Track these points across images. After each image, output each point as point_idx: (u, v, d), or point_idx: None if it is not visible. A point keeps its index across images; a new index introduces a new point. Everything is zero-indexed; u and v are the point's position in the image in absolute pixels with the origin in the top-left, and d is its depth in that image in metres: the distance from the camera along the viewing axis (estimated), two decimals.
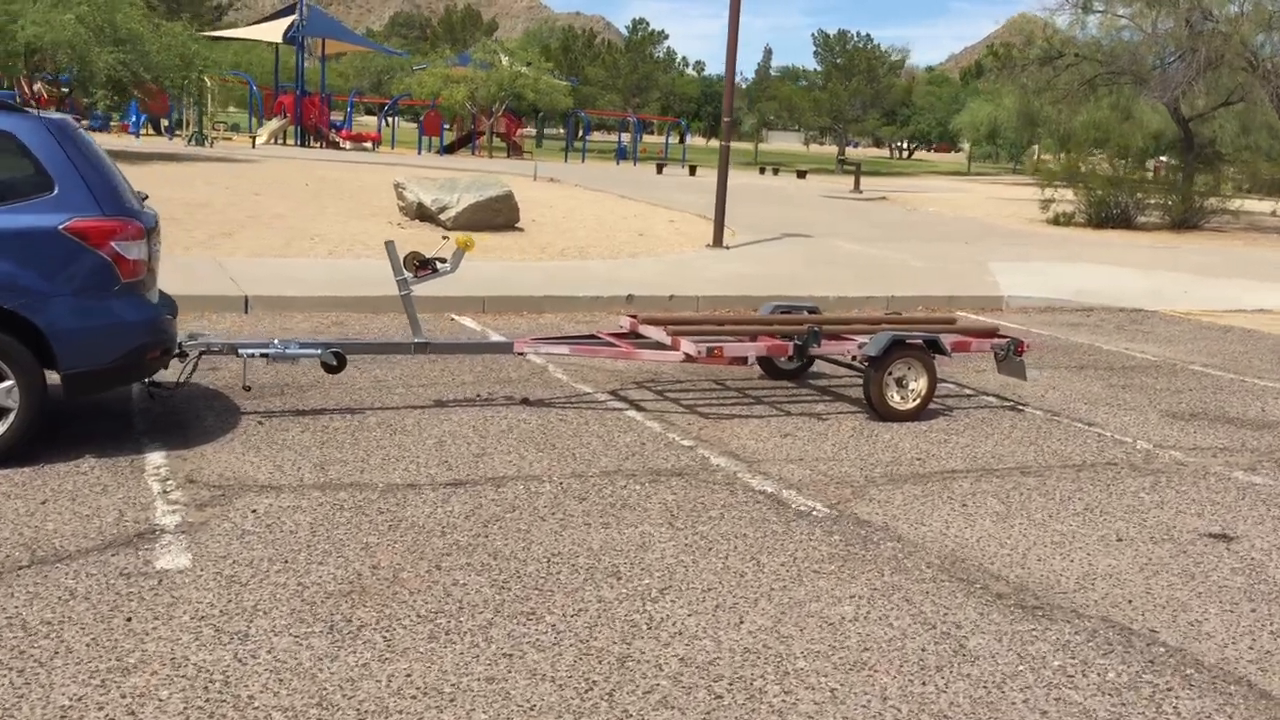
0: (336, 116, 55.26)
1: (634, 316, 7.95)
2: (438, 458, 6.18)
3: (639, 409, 7.54)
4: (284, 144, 42.15)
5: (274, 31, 45.22)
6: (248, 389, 7.10)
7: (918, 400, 7.63)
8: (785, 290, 12.57)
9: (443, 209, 16.03)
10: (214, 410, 6.89)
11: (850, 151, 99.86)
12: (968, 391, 8.70)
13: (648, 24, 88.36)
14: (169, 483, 5.53)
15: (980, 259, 17.10)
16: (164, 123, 38.61)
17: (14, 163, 5.62)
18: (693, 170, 42.48)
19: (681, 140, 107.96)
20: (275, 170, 23.53)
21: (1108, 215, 25.57)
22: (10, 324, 5.51)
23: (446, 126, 53.52)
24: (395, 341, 7.55)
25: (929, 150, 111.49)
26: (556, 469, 6.10)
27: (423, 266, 7.07)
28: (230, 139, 38.10)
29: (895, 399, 7.61)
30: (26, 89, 25.10)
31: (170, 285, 10.71)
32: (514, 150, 52.95)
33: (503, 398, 7.65)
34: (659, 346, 7.55)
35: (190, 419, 6.68)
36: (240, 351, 6.70)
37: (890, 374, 7.59)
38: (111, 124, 41.82)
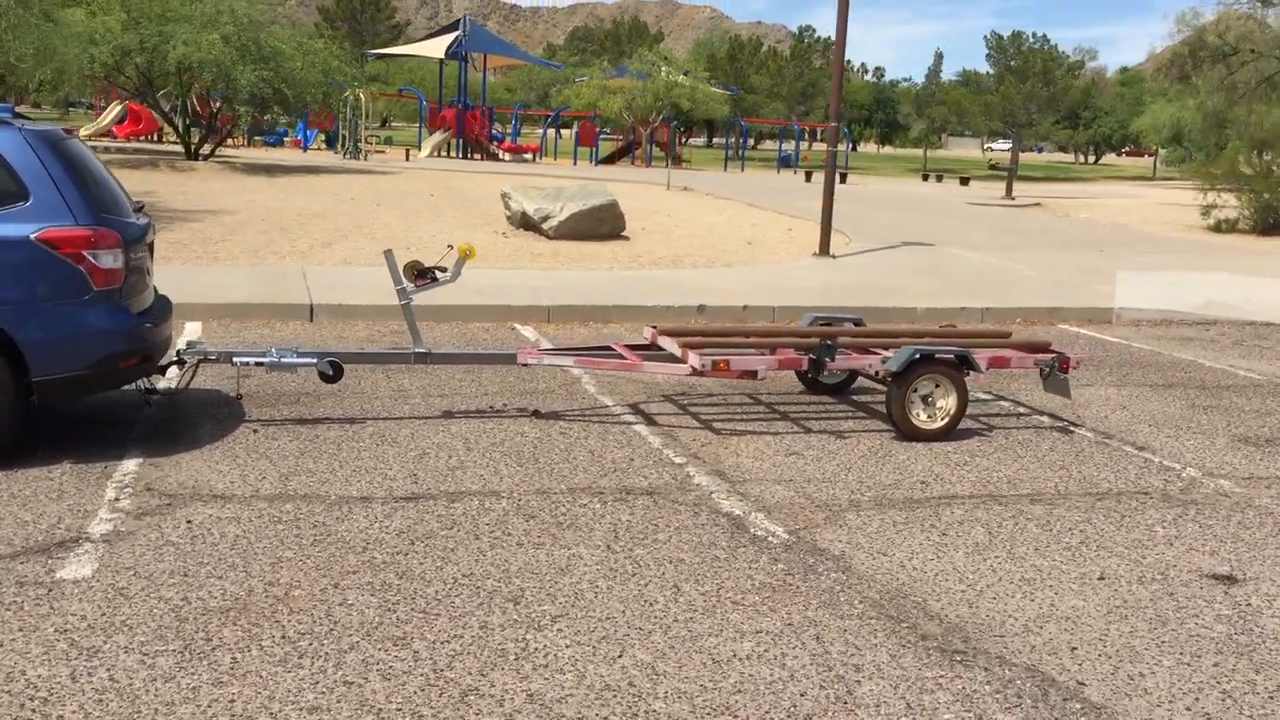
0: (504, 129, 56.52)
1: (654, 327, 7.70)
2: (409, 471, 6.07)
3: (651, 423, 7.30)
4: (447, 156, 43.19)
5: (437, 48, 46.44)
6: (238, 398, 7.15)
7: (946, 419, 7.17)
8: (873, 300, 12.13)
9: (545, 218, 16.05)
10: (216, 418, 6.96)
11: (1034, 157, 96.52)
12: (1021, 410, 8.15)
13: (814, 30, 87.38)
14: (125, 490, 5.57)
15: (1108, 268, 16.17)
16: (321, 137, 40.01)
17: None
18: (843, 178, 41.64)
19: (854, 147, 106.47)
20: (409, 181, 24.07)
21: (1276, 222, 23.86)
22: None
23: (607, 136, 54.08)
24: (395, 351, 7.50)
25: (1118, 155, 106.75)
26: (524, 485, 5.92)
27: (421, 275, 7.00)
28: (384, 152, 39.24)
29: (921, 417, 7.17)
30: (200, 108, 26.35)
31: (248, 293, 11.00)
32: (673, 160, 53.06)
33: (515, 410, 7.52)
34: (672, 359, 7.29)
35: (188, 426, 6.75)
36: (235, 360, 6.75)
37: (915, 390, 7.15)
38: (285, 139, 43.70)
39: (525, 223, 16.43)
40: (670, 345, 7.37)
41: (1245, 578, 5.07)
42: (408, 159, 35.35)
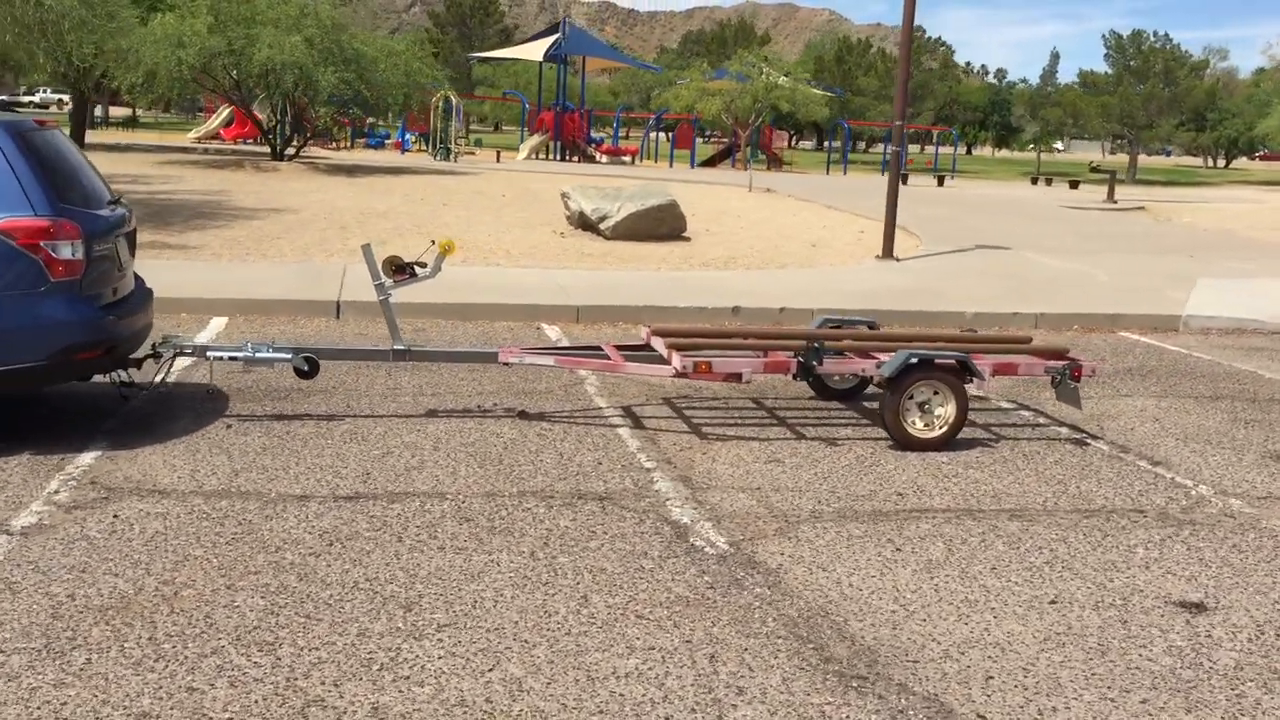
0: (605, 132, 56.66)
1: (649, 327, 7.46)
2: (364, 470, 5.95)
3: (638, 426, 7.07)
4: (544, 159, 43.45)
5: (537, 51, 46.78)
6: (210, 393, 7.10)
7: (945, 428, 6.79)
8: (922, 304, 11.73)
9: (603, 218, 15.91)
10: (197, 412, 6.92)
11: (1159, 160, 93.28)
12: (1040, 420, 7.71)
13: (924, 31, 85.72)
14: (70, 483, 5.54)
15: (1192, 274, 15.39)
16: (411, 138, 40.55)
17: None
18: (940, 181, 40.79)
19: (969, 150, 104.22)
20: (487, 183, 24.16)
21: None
22: None
23: (713, 139, 53.84)
24: (373, 348, 7.38)
25: (1251, 159, 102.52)
26: (475, 487, 5.75)
27: (399, 271, 6.87)
28: (474, 153, 39.59)
29: (918, 425, 6.81)
30: (303, 111, 26.72)
31: (280, 290, 11.04)
32: (774, 162, 52.59)
33: (502, 410, 7.34)
34: (659, 360, 7.05)
35: (165, 420, 6.73)
36: (209, 354, 6.70)
37: (910, 397, 6.78)
38: (387, 142, 44.43)
39: (583, 223, 16.30)
40: (660, 346, 7.12)
41: (1217, 606, 4.63)
42: (498, 160, 35.59)
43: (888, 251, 15.63)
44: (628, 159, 47.32)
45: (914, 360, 6.74)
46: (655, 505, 5.60)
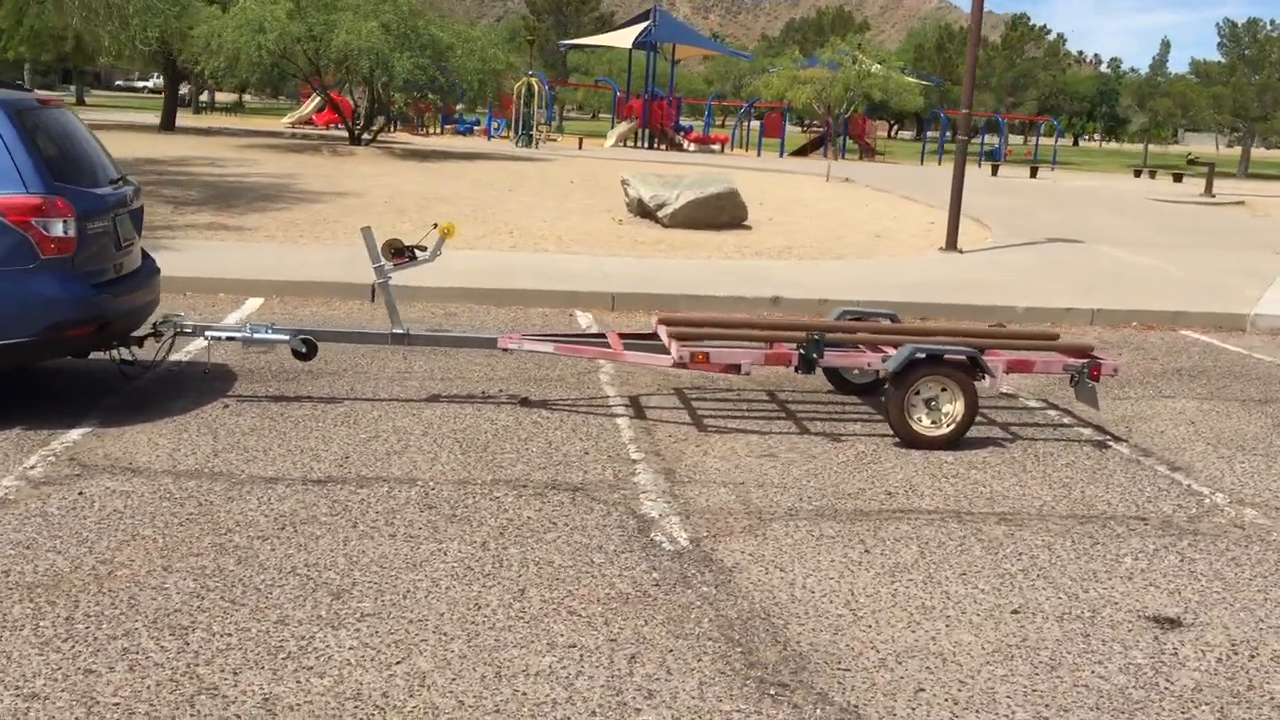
0: (699, 121, 56.36)
1: (658, 315, 7.32)
2: (344, 453, 5.92)
3: (640, 416, 6.94)
4: (632, 147, 43.38)
5: (626, 38, 46.68)
6: (207, 372, 7.13)
7: (952, 426, 6.53)
8: (972, 298, 11.42)
9: (660, 205, 15.76)
10: (200, 391, 6.96)
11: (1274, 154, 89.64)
12: (1066, 420, 7.40)
13: (1028, 18, 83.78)
14: (48, 459, 5.59)
15: (1272, 273, 14.73)
16: (495, 124, 40.76)
17: None
18: (1034, 173, 39.78)
19: (1076, 142, 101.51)
20: (560, 169, 24.15)
21: None
22: None
23: (810, 128, 53.12)
24: (372, 331, 7.34)
25: None
26: (450, 474, 5.67)
27: (399, 254, 6.82)
28: (555, 140, 39.63)
29: (924, 423, 6.57)
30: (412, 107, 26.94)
31: (320, 272, 11.10)
32: (866, 152, 51.82)
33: (506, 396, 7.26)
34: (661, 350, 6.90)
35: (166, 398, 6.78)
36: (207, 335, 6.72)
37: (917, 394, 6.54)
38: (476, 128, 44.74)
39: (642, 210, 16.17)
40: (665, 335, 6.97)
41: (1194, 623, 4.35)
42: (580, 147, 35.59)
43: (951, 243, 15.22)
44: (716, 147, 46.99)
45: (920, 355, 6.48)
46: (628, 498, 5.46)
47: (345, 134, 27.01)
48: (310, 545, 4.69)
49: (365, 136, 26.20)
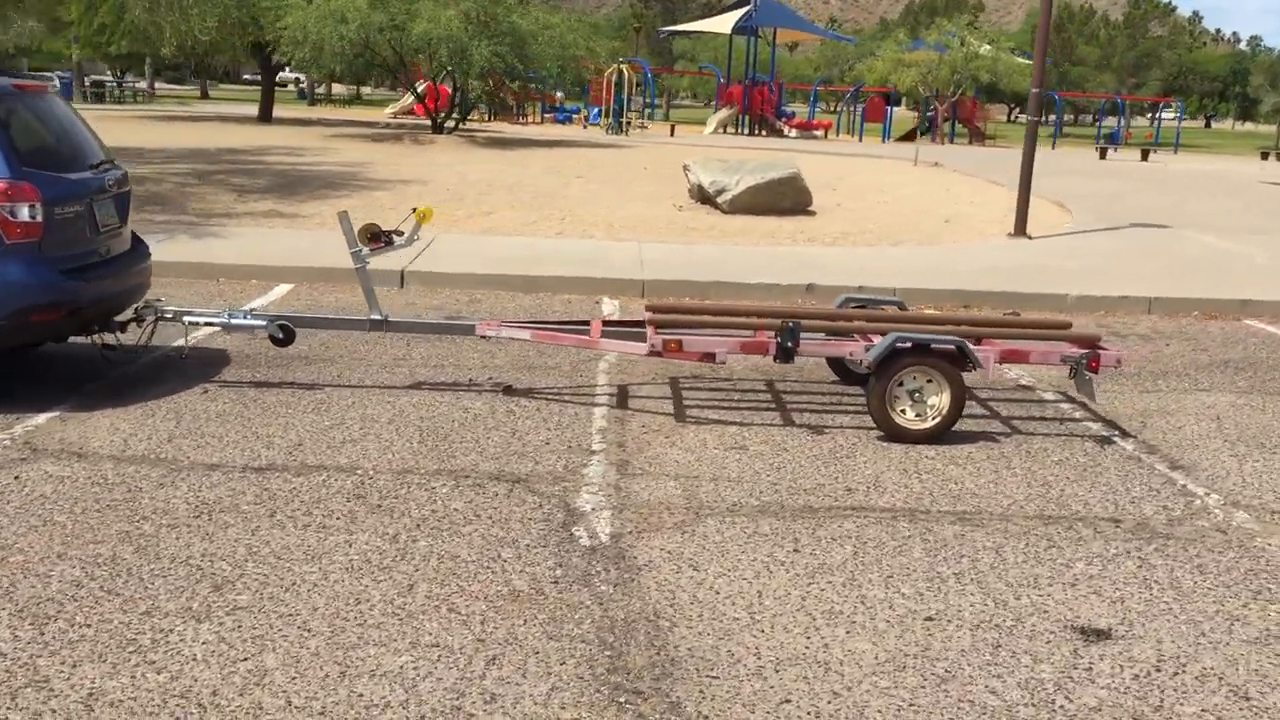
0: (800, 107, 55.68)
1: (649, 302, 7.12)
2: (299, 440, 5.88)
3: (620, 406, 6.78)
4: (732, 133, 43.03)
5: (725, 23, 46.29)
6: (184, 357, 7.15)
7: (937, 419, 6.21)
8: (1025, 285, 10.95)
9: (720, 191, 15.51)
10: (187, 376, 7.00)
11: None
12: (1078, 414, 7.01)
13: None
14: (3, 444, 5.64)
15: None
16: (590, 112, 40.73)
17: None
18: (1145, 155, 38.26)
19: (1208, 124, 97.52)
20: (636, 156, 23.98)
21: None
22: None
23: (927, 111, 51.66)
24: (350, 318, 7.27)
25: None
26: (396, 463, 5.58)
27: (375, 239, 6.74)
28: (646, 127, 39.44)
29: (909, 415, 6.26)
30: (496, 87, 26.99)
31: (345, 257, 11.12)
32: (976, 136, 50.55)
33: (492, 384, 7.15)
34: (639, 338, 6.71)
35: (149, 384, 6.83)
36: (185, 320, 6.74)
37: (900, 385, 6.23)
38: (575, 117, 44.83)
39: (703, 196, 15.93)
40: (647, 323, 6.77)
41: (1125, 635, 4.01)
42: (672, 134, 35.36)
43: (1020, 229, 14.66)
44: (819, 133, 46.32)
45: (903, 344, 6.16)
46: (569, 490, 5.29)
47: (424, 121, 27.17)
48: (217, 535, 4.62)
49: (448, 125, 26.37)
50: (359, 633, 3.84)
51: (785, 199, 15.78)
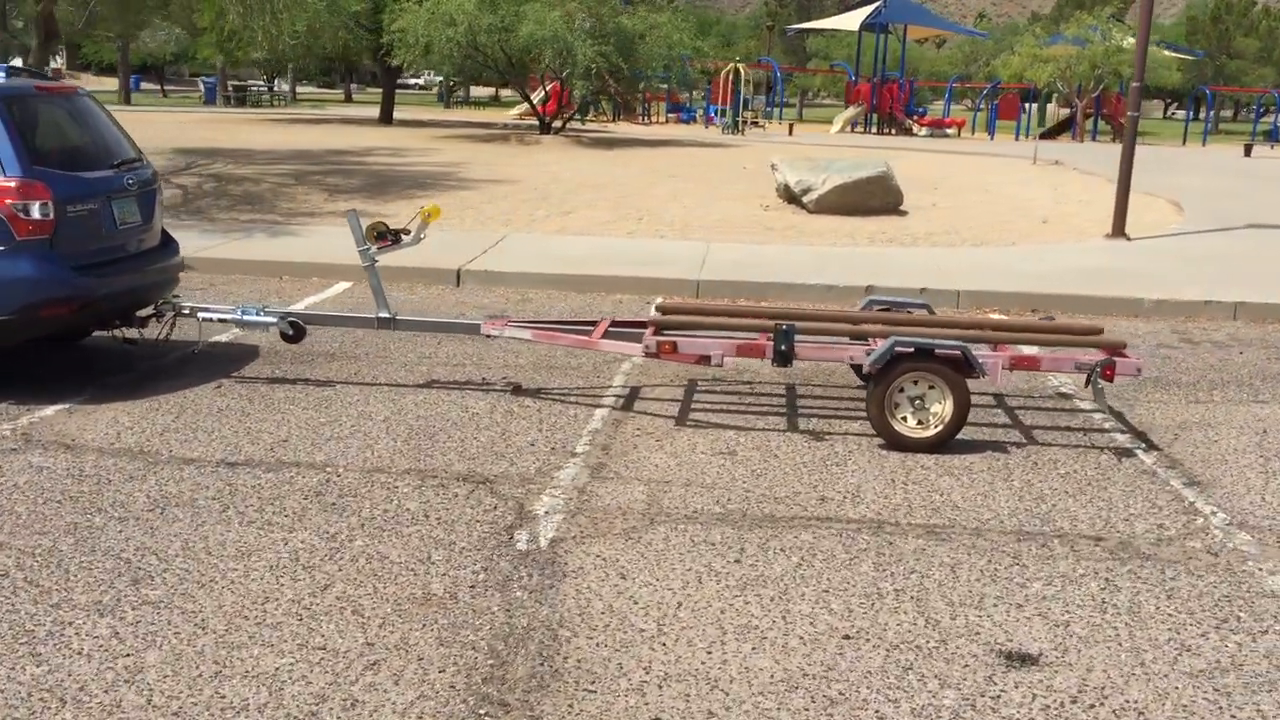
0: (936, 105, 54.47)
1: (661, 301, 7.02)
2: (285, 436, 5.96)
3: (625, 408, 6.70)
4: (860, 132, 42.38)
5: (853, 20, 45.59)
6: (195, 353, 7.28)
7: (940, 427, 5.96)
8: (1108, 289, 10.49)
9: (806, 190, 15.25)
10: (208, 371, 7.16)
11: None
12: (1107, 426, 6.65)
13: None
14: (4, 434, 5.82)
15: None
16: (703, 112, 40.51)
17: None
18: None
19: None
20: (742, 155, 23.76)
21: None
22: None
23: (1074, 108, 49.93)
24: (358, 316, 7.31)
25: None
26: (370, 462, 5.60)
27: (381, 237, 6.78)
28: (763, 126, 39.03)
29: (909, 423, 6.02)
30: (615, 88, 27.14)
31: (419, 257, 11.19)
32: (1120, 133, 48.71)
33: (502, 383, 7.13)
34: (637, 339, 6.61)
35: (166, 377, 7.00)
36: (200, 315, 6.89)
37: (901, 391, 6.00)
38: (699, 115, 44.74)
39: (789, 196, 15.69)
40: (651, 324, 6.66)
41: (1056, 662, 3.75)
42: (790, 133, 34.95)
43: (1118, 229, 14.02)
44: (951, 131, 45.21)
45: (902, 348, 5.92)
46: (532, 493, 5.21)
47: (558, 124, 27.37)
48: (161, 529, 4.68)
49: (556, 125, 26.54)
50: (252, 632, 3.83)
51: (874, 198, 15.42)
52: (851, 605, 4.16)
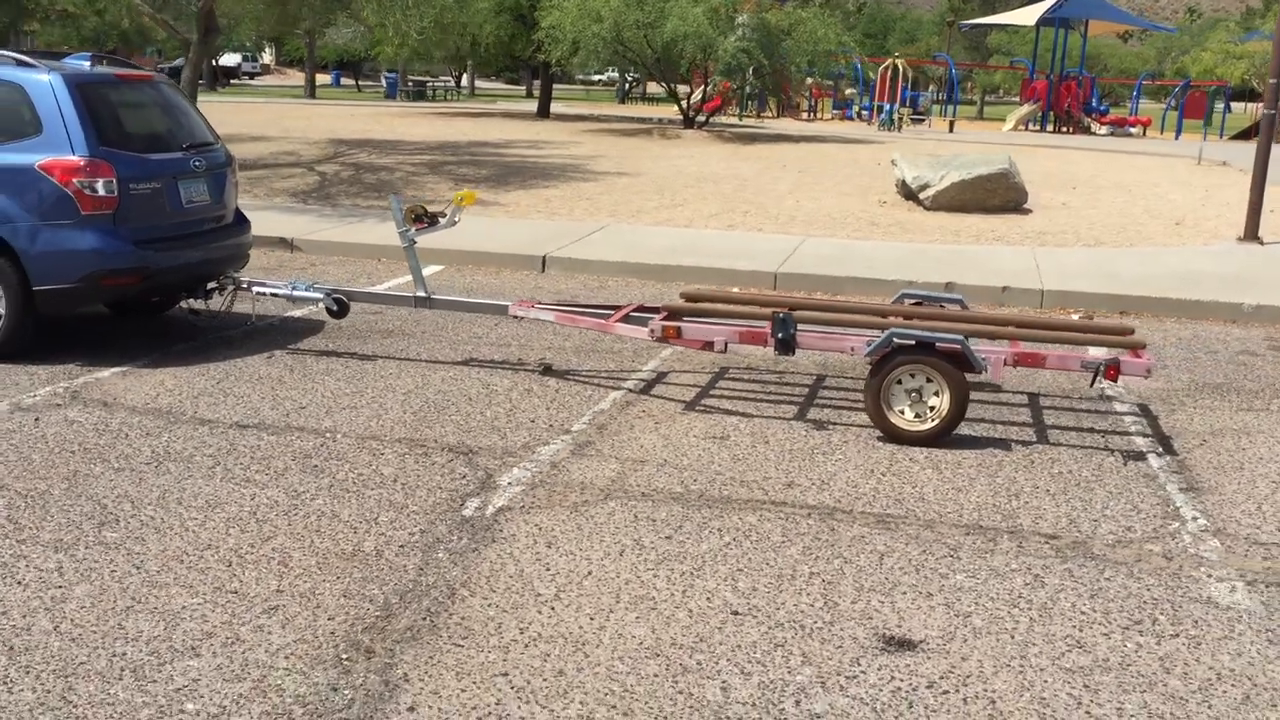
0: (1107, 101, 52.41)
1: (683, 290, 7.16)
2: (305, 403, 6.32)
3: (643, 392, 6.86)
4: (1034, 130, 41.17)
5: (1030, 15, 44.21)
6: (250, 324, 7.74)
7: (937, 421, 5.93)
8: (1199, 294, 10.08)
9: (923, 187, 15.05)
10: (267, 342, 7.65)
11: None
12: (1131, 429, 6.48)
13: None
14: (56, 392, 6.41)
15: None
16: (857, 108, 39.88)
17: (18, 110, 6.81)
18: None
19: None
20: (877, 152, 23.45)
21: None
22: None
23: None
24: (398, 294, 7.62)
25: None
26: (369, 429, 5.92)
27: (419, 220, 7.10)
28: (925, 122, 38.18)
29: (907, 416, 6.01)
30: (784, 85, 27.09)
31: (505, 244, 11.60)
32: None
33: (536, 363, 7.38)
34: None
35: (225, 346, 7.50)
36: (254, 290, 7.35)
37: (898, 383, 6.00)
38: (864, 112, 44.18)
39: (906, 192, 15.49)
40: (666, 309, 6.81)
41: (934, 650, 3.76)
42: (951, 130, 34.19)
43: (1250, 233, 13.38)
44: (1135, 130, 43.38)
45: (901, 340, 5.90)
46: (505, 465, 5.43)
47: (718, 118, 27.52)
48: (148, 480, 5.06)
49: (699, 120, 26.68)
50: (179, 574, 4.14)
51: (994, 196, 15.08)
52: (759, 585, 4.21)
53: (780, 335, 6.12)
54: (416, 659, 3.58)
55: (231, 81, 62.40)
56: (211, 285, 7.56)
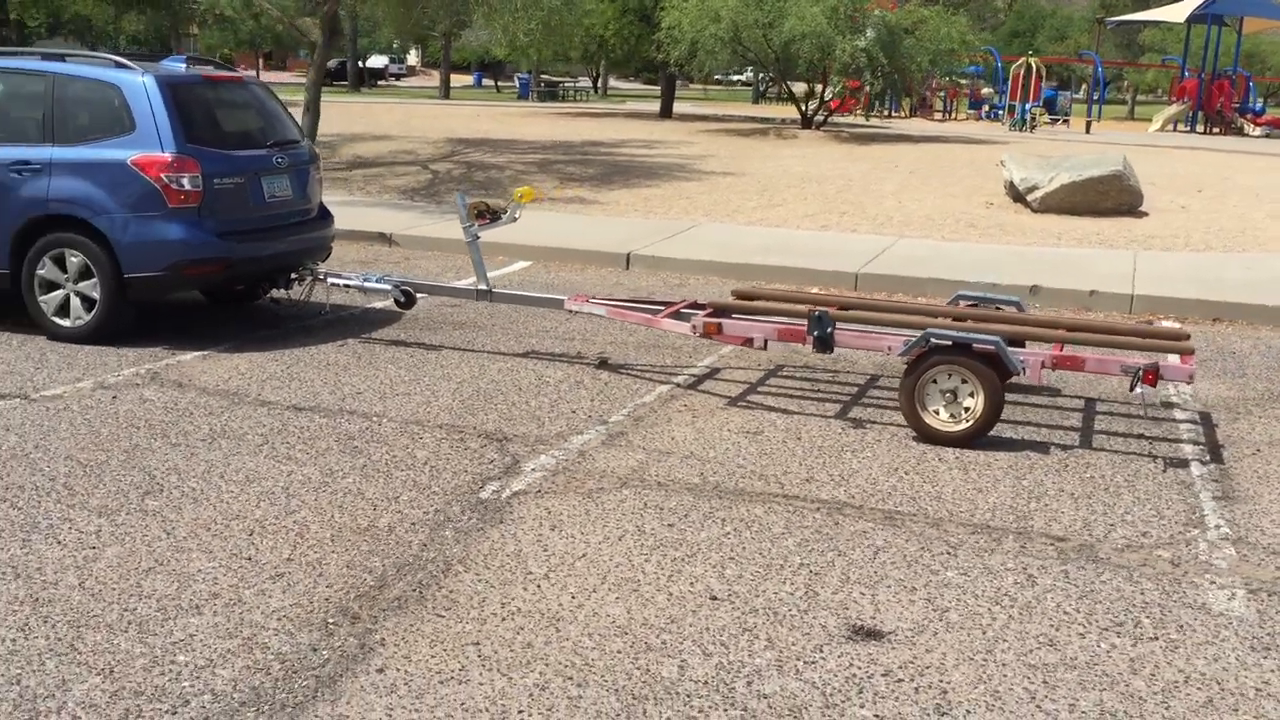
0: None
1: (735, 288, 7.30)
2: (362, 389, 6.63)
3: (690, 387, 7.02)
4: (1183, 130, 39.87)
5: (1179, 12, 42.73)
6: (325, 313, 8.12)
7: (971, 422, 5.96)
8: (1266, 298, 9.76)
9: (1031, 189, 14.82)
10: (346, 331, 8.05)
11: None
12: (1184, 436, 6.38)
13: None
14: (139, 372, 6.87)
15: None
16: (987, 106, 38.99)
17: (113, 109, 7.30)
18: None
19: None
20: (996, 152, 23.01)
21: None
22: (94, 235, 7.23)
23: None
24: (460, 286, 7.91)
25: None
26: (415, 415, 6.21)
27: (481, 216, 7.39)
28: (1063, 122, 37.16)
29: (942, 416, 6.05)
30: (911, 87, 26.82)
31: (593, 241, 11.86)
32: None
33: (594, 357, 7.61)
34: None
35: (304, 334, 7.91)
36: (328, 281, 7.75)
37: (934, 383, 6.05)
38: (1000, 112, 43.25)
39: (1015, 194, 15.25)
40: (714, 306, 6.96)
41: (901, 642, 3.85)
42: (1087, 131, 33.28)
43: None
44: None
45: (934, 341, 5.94)
46: (534, 452, 5.65)
47: (849, 118, 27.41)
48: (199, 455, 5.42)
49: (817, 119, 26.57)
50: (203, 541, 4.45)
51: (1107, 199, 14.73)
52: (745, 573, 4.32)
53: (816, 333, 6.18)
54: (397, 626, 3.80)
55: (379, 83, 64.29)
56: (292, 276, 7.93)
